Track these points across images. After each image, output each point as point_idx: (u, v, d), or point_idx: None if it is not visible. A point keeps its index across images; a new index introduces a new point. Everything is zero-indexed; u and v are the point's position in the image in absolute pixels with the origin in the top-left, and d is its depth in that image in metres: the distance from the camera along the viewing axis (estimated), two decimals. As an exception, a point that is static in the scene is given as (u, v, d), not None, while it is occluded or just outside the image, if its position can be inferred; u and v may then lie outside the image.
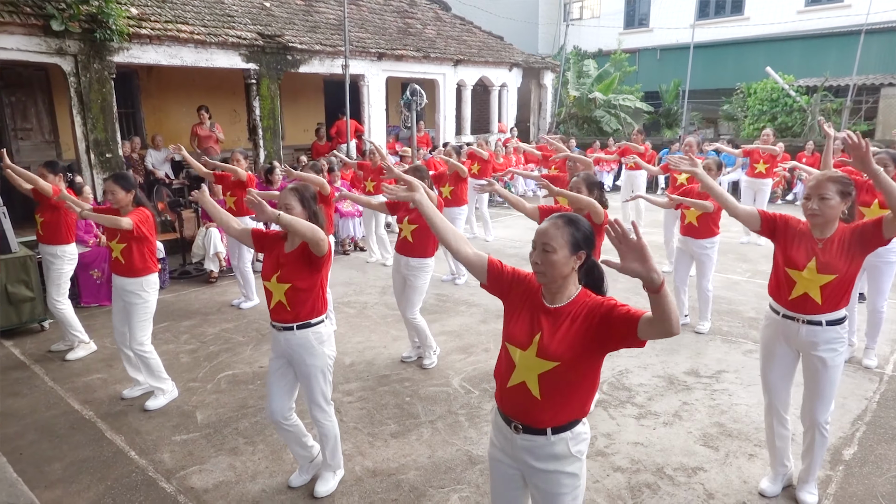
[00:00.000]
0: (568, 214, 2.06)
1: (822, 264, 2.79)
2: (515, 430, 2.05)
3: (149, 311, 4.25)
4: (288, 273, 3.03)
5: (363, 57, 11.71)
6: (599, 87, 17.50)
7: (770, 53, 16.72)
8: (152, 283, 4.25)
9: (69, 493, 3.32)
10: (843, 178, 2.76)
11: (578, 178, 4.02)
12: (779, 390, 3.11)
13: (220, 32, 9.53)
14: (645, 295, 1.79)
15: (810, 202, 2.78)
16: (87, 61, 8.06)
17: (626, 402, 4.23)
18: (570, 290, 2.04)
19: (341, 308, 6.36)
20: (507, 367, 2.07)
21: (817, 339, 2.87)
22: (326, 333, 3.14)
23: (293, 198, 3.04)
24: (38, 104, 10.14)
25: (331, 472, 3.31)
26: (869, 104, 14.91)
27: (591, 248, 2.05)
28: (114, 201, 4.14)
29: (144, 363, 4.27)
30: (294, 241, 3.10)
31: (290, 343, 3.08)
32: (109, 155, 8.50)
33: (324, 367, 3.14)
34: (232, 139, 12.58)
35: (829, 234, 2.83)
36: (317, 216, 3.07)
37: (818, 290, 2.82)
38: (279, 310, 3.07)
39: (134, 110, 11.29)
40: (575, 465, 2.04)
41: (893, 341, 5.20)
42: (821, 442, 3.03)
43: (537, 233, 2.03)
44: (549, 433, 2.00)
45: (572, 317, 1.99)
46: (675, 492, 3.25)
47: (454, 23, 15.83)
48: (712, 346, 5.18)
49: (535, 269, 2.02)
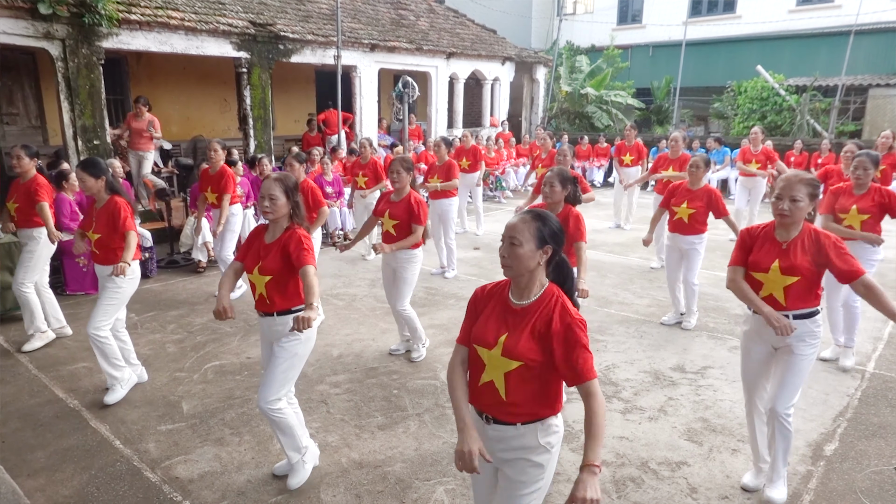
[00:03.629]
0: (537, 210, 2.09)
1: (786, 267, 2.85)
2: (486, 420, 2.10)
3: (118, 298, 4.13)
4: (269, 264, 3.02)
5: (355, 48, 11.64)
6: (591, 82, 17.53)
7: (761, 52, 16.82)
8: (129, 270, 4.05)
9: (52, 481, 3.30)
10: (812, 181, 2.82)
11: (552, 173, 3.95)
12: (757, 387, 3.15)
13: (210, 20, 9.43)
14: (634, 290, 1.81)
15: (781, 202, 2.81)
16: (76, 46, 7.96)
17: (612, 397, 4.26)
18: (536, 285, 2.07)
19: (330, 300, 6.34)
20: (477, 366, 2.10)
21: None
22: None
23: (278, 188, 3.02)
24: (24, 89, 10.00)
25: (296, 454, 3.22)
26: (857, 104, 15.05)
27: (559, 244, 2.06)
28: (84, 189, 4.10)
29: (99, 349, 4.09)
30: (275, 232, 3.10)
31: (272, 327, 3.10)
32: (97, 142, 8.40)
33: (295, 355, 3.11)
34: (222, 128, 12.52)
35: (793, 236, 2.88)
36: (298, 206, 3.08)
37: (782, 292, 2.89)
38: (262, 301, 3.09)
39: (123, 97, 11.17)
40: (542, 457, 2.06)
41: (876, 339, 5.27)
42: (783, 434, 3.02)
43: (506, 227, 2.07)
44: (518, 425, 2.05)
45: (537, 317, 2.02)
46: (658, 486, 3.28)
47: (447, 15, 15.77)
48: (698, 342, 5.22)
49: (502, 262, 2.06)
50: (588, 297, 6.36)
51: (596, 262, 7.76)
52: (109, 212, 4.08)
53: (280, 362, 3.08)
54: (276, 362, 3.08)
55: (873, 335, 5.34)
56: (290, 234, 3.06)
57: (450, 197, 7.38)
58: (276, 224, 3.10)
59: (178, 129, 11.81)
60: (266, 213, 3.02)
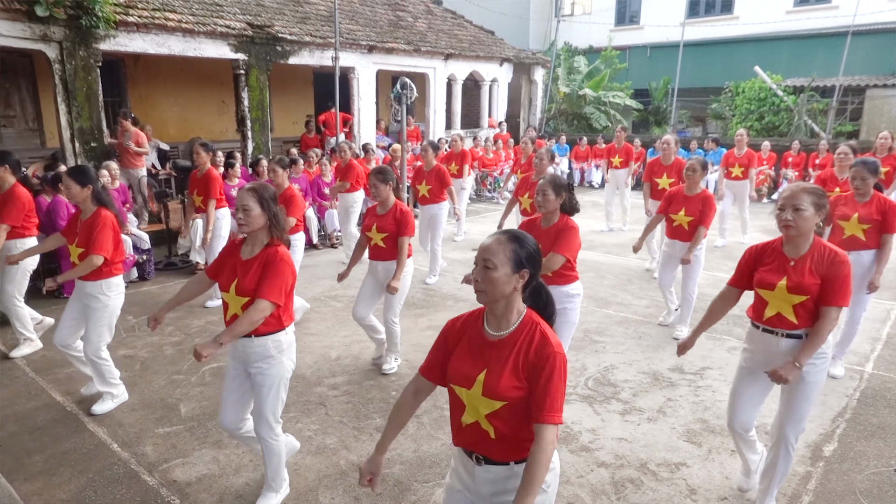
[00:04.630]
0: (513, 231, 1.93)
1: (793, 285, 2.70)
2: (477, 461, 1.93)
3: (108, 317, 3.97)
4: (247, 284, 2.78)
5: (353, 49, 11.64)
6: (589, 83, 17.55)
7: (759, 53, 16.85)
8: (114, 285, 3.96)
9: (50, 485, 3.29)
10: (817, 190, 2.69)
11: (544, 181, 3.70)
12: (744, 410, 2.97)
13: (208, 21, 9.42)
14: (633, 291, 1.80)
15: (784, 213, 2.68)
16: (73, 48, 7.95)
17: (611, 398, 4.25)
18: (514, 313, 1.90)
19: (328, 301, 6.33)
20: (457, 406, 1.96)
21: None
22: (287, 342, 2.93)
23: (251, 198, 2.78)
24: (21, 91, 9.99)
25: (273, 493, 3.08)
26: (854, 105, 15.07)
27: (536, 268, 1.90)
28: (69, 197, 3.87)
29: (97, 369, 3.98)
30: (253, 247, 2.86)
31: (248, 350, 2.87)
32: (95, 144, 8.39)
33: (280, 377, 2.92)
34: (220, 130, 12.51)
35: (803, 252, 2.73)
36: (276, 218, 2.84)
37: (791, 310, 2.74)
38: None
39: (120, 99, 11.16)
40: (539, 498, 1.83)
41: (874, 339, 5.27)
42: (785, 460, 2.88)
43: (479, 249, 1.90)
44: (511, 465, 1.90)
45: (517, 350, 1.85)
46: (658, 487, 3.27)
47: (445, 16, 15.78)
48: (697, 343, 5.20)
49: (475, 287, 1.89)
50: (587, 298, 6.38)
51: (594, 263, 7.76)
52: (92, 225, 3.84)
53: (268, 390, 2.90)
54: (263, 392, 2.90)
55: (871, 336, 5.34)
56: (267, 257, 2.81)
57: (440, 202, 7.10)
58: (254, 238, 2.86)
59: (176, 130, 11.81)
60: (241, 225, 2.79)
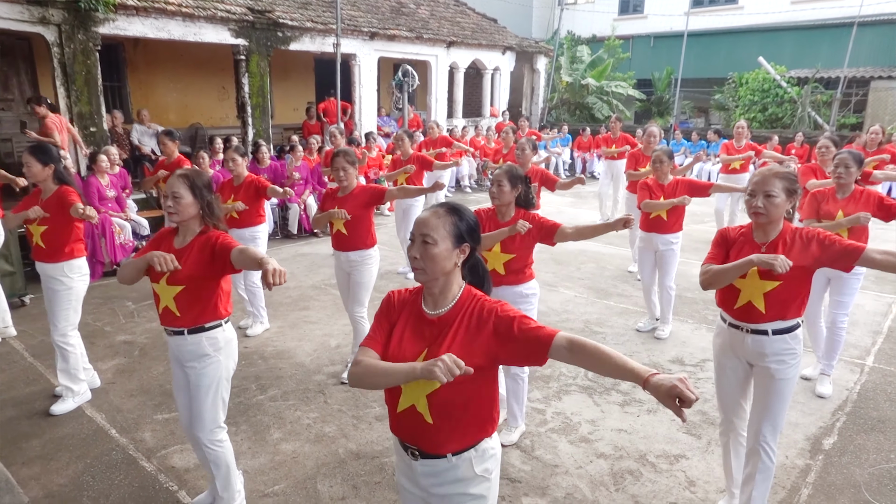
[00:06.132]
0: (450, 203, 1.83)
1: (765, 271, 2.54)
2: (413, 456, 1.83)
3: (72, 299, 3.85)
4: (180, 273, 2.56)
5: (355, 36, 11.54)
6: (592, 73, 17.45)
7: (763, 44, 16.74)
8: (76, 267, 3.85)
9: (47, 470, 3.28)
10: (789, 175, 2.56)
11: (500, 171, 3.44)
12: (734, 405, 2.86)
13: (208, 6, 9.33)
14: (633, 282, 1.75)
15: (755, 199, 2.55)
16: (72, 31, 7.87)
17: (610, 389, 4.25)
18: (453, 290, 1.81)
19: (328, 290, 6.32)
20: (394, 390, 1.82)
21: (764, 350, 2.64)
22: (224, 339, 2.72)
23: (182, 185, 2.57)
24: (20, 74, 9.91)
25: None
26: (859, 97, 14.99)
27: (476, 242, 1.83)
28: (29, 175, 3.70)
29: (63, 355, 3.88)
30: (185, 236, 2.66)
31: (181, 349, 2.68)
32: (94, 129, 8.33)
33: (217, 378, 2.72)
34: (220, 116, 12.45)
35: (772, 237, 2.62)
36: (210, 206, 2.64)
37: (762, 298, 2.61)
38: (167, 315, 2.65)
39: (120, 84, 11.09)
40: (481, 486, 1.82)
41: (875, 333, 5.26)
42: (764, 470, 2.71)
43: (416, 223, 1.79)
44: (449, 457, 1.79)
45: (458, 324, 1.76)
46: (657, 478, 3.27)
47: (448, 3, 15.65)
48: (697, 335, 5.21)
49: (413, 264, 1.78)
50: (587, 289, 6.38)
51: (595, 254, 7.73)
52: (56, 201, 3.68)
53: (205, 392, 2.70)
54: (200, 393, 2.70)
55: (873, 329, 5.33)
56: (207, 238, 2.61)
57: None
58: (186, 227, 2.66)
59: (176, 116, 11.74)
60: (170, 213, 2.60)
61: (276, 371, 4.50)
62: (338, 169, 4.12)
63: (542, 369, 4.39)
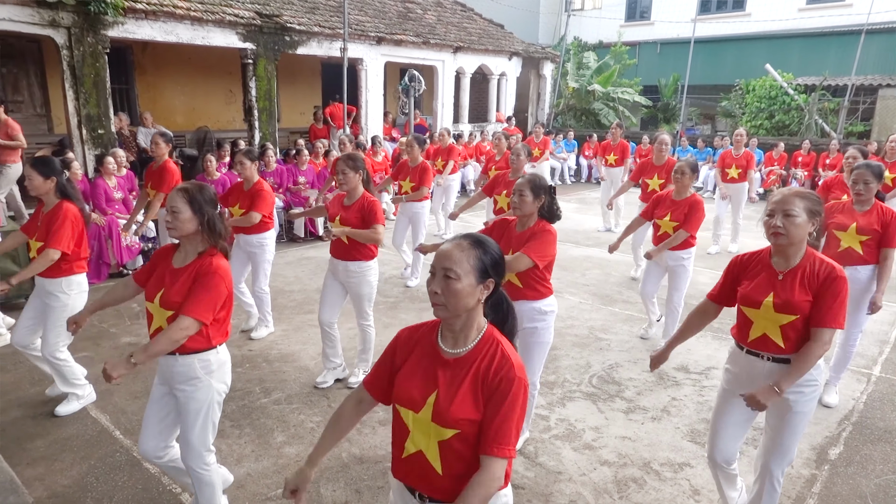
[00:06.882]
0: (474, 235, 1.71)
1: (781, 303, 2.39)
2: (421, 499, 1.71)
3: (67, 315, 3.55)
4: (174, 296, 2.47)
5: (362, 41, 11.58)
6: (598, 79, 17.43)
7: (770, 51, 16.71)
8: (75, 283, 3.73)
9: (51, 470, 3.29)
10: (811, 195, 2.41)
11: (523, 180, 3.18)
12: (726, 437, 2.69)
13: (216, 10, 9.39)
14: (638, 289, 1.75)
15: (774, 219, 2.38)
16: (81, 34, 7.92)
17: (615, 396, 4.23)
18: (474, 329, 1.68)
19: (332, 293, 6.31)
20: (401, 430, 1.70)
21: None
22: (217, 362, 2.61)
23: (181, 200, 2.46)
24: (30, 76, 9.99)
25: None
26: (866, 105, 14.93)
27: (501, 276, 1.70)
28: (31, 188, 3.59)
29: (57, 371, 3.78)
30: (186, 254, 2.55)
31: (172, 370, 2.58)
32: (102, 131, 8.38)
33: (208, 402, 2.61)
34: (227, 119, 12.50)
35: (793, 264, 2.43)
36: (212, 223, 2.51)
37: (778, 332, 2.43)
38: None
39: (128, 86, 11.15)
40: None
41: (882, 342, 5.22)
42: (770, 496, 2.64)
43: (437, 256, 1.66)
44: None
45: (475, 371, 1.63)
46: (661, 487, 3.25)
47: (455, 9, 15.70)
48: (702, 343, 5.18)
49: (433, 300, 1.64)
50: (592, 295, 6.36)
51: (600, 260, 7.72)
52: (53, 219, 3.58)
53: (194, 416, 2.60)
54: (189, 418, 2.60)
55: (880, 338, 5.29)
56: (200, 267, 2.49)
57: (422, 200, 6.67)
58: (188, 244, 2.55)
59: (183, 119, 11.81)
60: (169, 229, 2.51)
61: (279, 374, 4.50)
62: (338, 172, 4.04)
63: (546, 375, 4.37)
